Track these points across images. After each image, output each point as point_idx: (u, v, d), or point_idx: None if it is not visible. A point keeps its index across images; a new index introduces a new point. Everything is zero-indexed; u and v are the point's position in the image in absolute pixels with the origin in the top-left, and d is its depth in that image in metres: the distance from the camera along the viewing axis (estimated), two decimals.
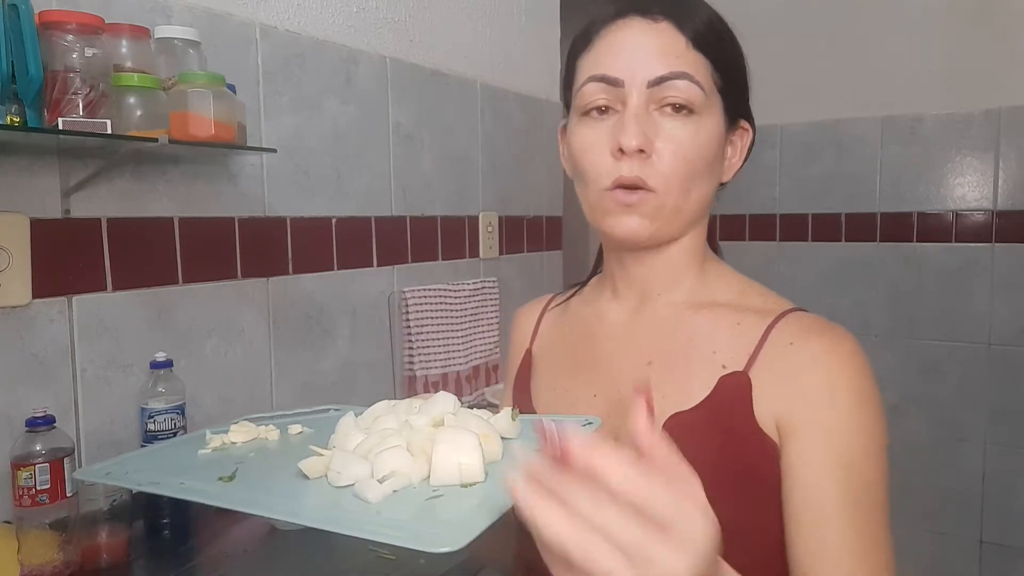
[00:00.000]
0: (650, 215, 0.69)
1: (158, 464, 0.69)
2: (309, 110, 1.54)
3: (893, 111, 2.60)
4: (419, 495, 0.55)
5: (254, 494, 0.58)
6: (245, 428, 0.74)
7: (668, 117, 0.68)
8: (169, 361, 1.19)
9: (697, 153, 0.69)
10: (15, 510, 0.98)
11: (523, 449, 0.59)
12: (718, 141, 0.71)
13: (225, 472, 0.62)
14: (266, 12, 1.45)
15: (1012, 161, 2.49)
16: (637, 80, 0.68)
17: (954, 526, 2.63)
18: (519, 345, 0.92)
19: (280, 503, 0.56)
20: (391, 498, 0.55)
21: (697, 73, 0.68)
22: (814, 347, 0.68)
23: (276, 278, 1.49)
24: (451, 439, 0.57)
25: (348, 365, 1.66)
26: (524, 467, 0.43)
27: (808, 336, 0.69)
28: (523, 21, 2.22)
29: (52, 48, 0.97)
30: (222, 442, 0.73)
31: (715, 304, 0.74)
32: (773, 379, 0.68)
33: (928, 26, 2.56)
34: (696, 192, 0.71)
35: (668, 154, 0.68)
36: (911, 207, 2.65)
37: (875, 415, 0.68)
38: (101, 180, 1.16)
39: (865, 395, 0.68)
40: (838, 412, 0.66)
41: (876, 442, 0.68)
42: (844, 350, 0.68)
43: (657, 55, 0.68)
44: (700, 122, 0.68)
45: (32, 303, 1.11)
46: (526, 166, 2.26)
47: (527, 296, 1.00)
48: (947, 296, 2.60)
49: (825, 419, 0.66)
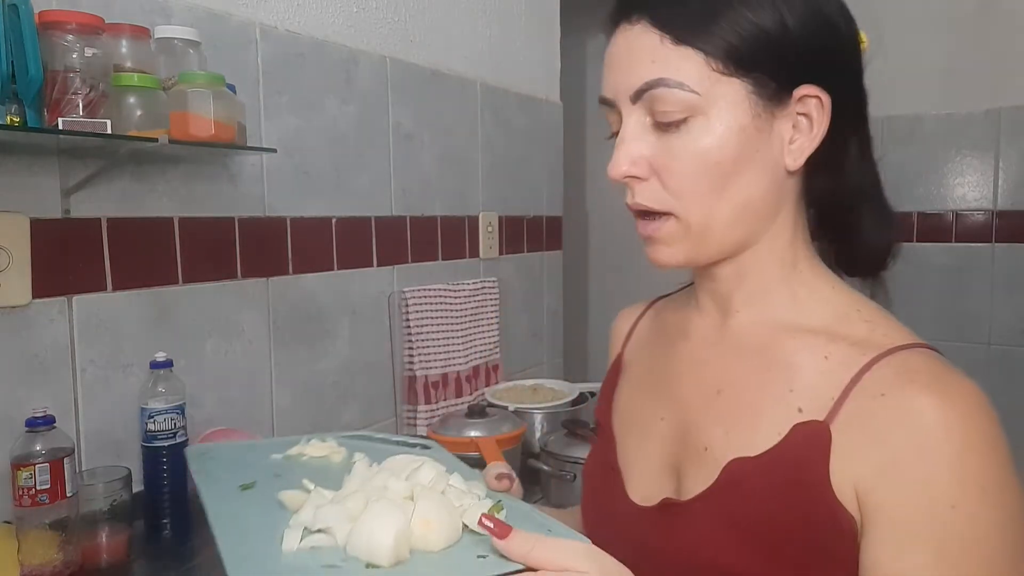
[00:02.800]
0: (674, 241, 0.61)
1: (234, 459, 0.74)
2: (309, 110, 1.54)
3: (893, 111, 2.61)
4: (327, 558, 0.53)
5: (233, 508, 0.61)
6: (320, 445, 0.76)
7: (664, 129, 0.59)
8: (169, 361, 1.19)
9: (705, 162, 0.58)
10: (15, 510, 0.98)
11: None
12: (738, 135, 0.58)
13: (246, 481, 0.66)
14: (266, 12, 1.45)
15: (1012, 161, 2.50)
16: (621, 98, 0.60)
17: None
18: (612, 351, 0.84)
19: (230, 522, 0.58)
20: (304, 553, 0.54)
21: (680, 72, 0.57)
22: (912, 402, 0.54)
23: (276, 278, 1.49)
24: (378, 512, 0.54)
25: (348, 365, 1.66)
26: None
27: (907, 386, 0.55)
28: (523, 21, 2.22)
29: (52, 48, 0.97)
30: (299, 452, 0.75)
31: (805, 329, 0.62)
32: (859, 437, 0.56)
33: (928, 26, 2.56)
34: (729, 198, 0.59)
35: (670, 173, 0.59)
36: (911, 207, 2.65)
37: (996, 507, 0.53)
38: (101, 180, 1.16)
39: (981, 477, 0.53)
40: (933, 496, 0.53)
41: (997, 547, 0.53)
42: (956, 411, 0.54)
43: (631, 64, 0.59)
44: (702, 125, 0.58)
45: (32, 303, 1.11)
46: (526, 166, 2.26)
47: (527, 296, 0.99)
48: (947, 296, 2.60)
49: (916, 503, 0.53)
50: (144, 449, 1.17)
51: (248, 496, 0.64)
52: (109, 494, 1.04)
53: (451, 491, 0.61)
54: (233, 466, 0.71)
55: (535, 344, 2.34)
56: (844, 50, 0.62)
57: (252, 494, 0.64)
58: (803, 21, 0.58)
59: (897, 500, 0.54)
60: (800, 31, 0.58)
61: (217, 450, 0.77)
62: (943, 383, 0.56)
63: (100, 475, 1.07)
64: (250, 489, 0.65)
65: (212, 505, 0.61)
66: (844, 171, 0.64)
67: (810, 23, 0.59)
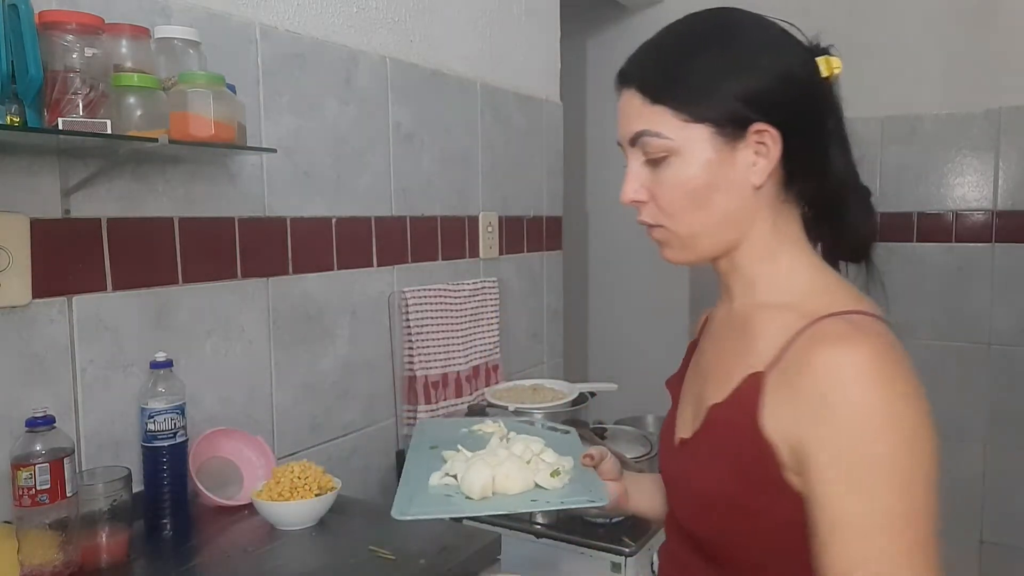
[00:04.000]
0: (671, 246, 0.80)
1: (438, 430, 1.14)
2: (309, 110, 1.54)
3: (893, 111, 2.61)
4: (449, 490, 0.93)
5: (419, 457, 1.02)
6: (492, 425, 1.11)
7: (652, 165, 0.77)
8: (169, 361, 1.19)
9: (683, 189, 0.76)
10: (15, 510, 0.98)
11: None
12: (707, 167, 0.75)
13: (435, 443, 1.05)
14: (266, 12, 1.45)
15: (1012, 161, 2.49)
16: (624, 142, 0.80)
17: (954, 526, 2.63)
18: (691, 338, 1.00)
19: (412, 464, 0.99)
20: (439, 486, 0.94)
21: (656, 124, 0.75)
22: (812, 357, 0.68)
23: (276, 278, 1.49)
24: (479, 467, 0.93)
25: (348, 365, 1.66)
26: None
27: (814, 345, 0.68)
28: (523, 21, 2.22)
29: (52, 48, 0.97)
30: (478, 428, 1.12)
31: (774, 305, 0.77)
32: (784, 387, 0.70)
33: (928, 26, 2.56)
34: (708, 215, 0.76)
35: (660, 197, 0.77)
36: (911, 207, 2.65)
37: (887, 436, 0.65)
38: (101, 180, 1.16)
39: (878, 410, 0.65)
40: (839, 431, 0.65)
41: (896, 468, 0.65)
42: (847, 361, 0.66)
43: (626, 119, 0.78)
44: (680, 161, 0.75)
45: (32, 303, 1.11)
46: (526, 166, 2.26)
47: (527, 296, 1.03)
48: (947, 296, 2.60)
49: (827, 441, 0.66)
50: (144, 449, 1.17)
51: (432, 452, 1.02)
52: (109, 494, 1.04)
53: (536, 460, 0.95)
54: (436, 433, 1.09)
55: (535, 344, 2.34)
56: (797, 87, 0.76)
57: (435, 451, 1.02)
58: (750, 77, 0.74)
59: (811, 440, 0.67)
60: (749, 84, 0.74)
61: (431, 424, 1.15)
62: (841, 338, 0.68)
63: (100, 475, 1.07)
64: (436, 448, 1.03)
65: (410, 455, 1.02)
66: (829, 173, 0.79)
67: (756, 77, 0.74)
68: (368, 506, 1.32)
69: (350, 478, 1.30)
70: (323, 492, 1.21)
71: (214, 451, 1.29)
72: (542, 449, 0.99)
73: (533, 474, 0.93)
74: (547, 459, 0.97)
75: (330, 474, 1.26)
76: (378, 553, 1.10)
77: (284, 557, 1.12)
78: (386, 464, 1.74)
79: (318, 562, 1.14)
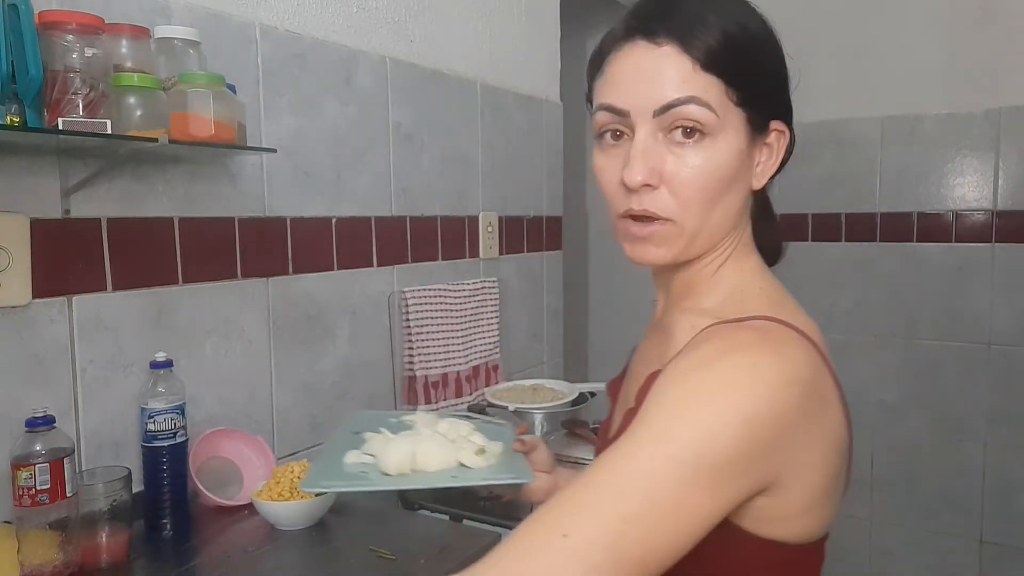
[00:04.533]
0: (667, 243, 0.70)
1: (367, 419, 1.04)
2: (309, 110, 1.54)
3: (893, 111, 2.61)
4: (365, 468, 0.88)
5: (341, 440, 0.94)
6: (423, 415, 1.05)
7: (678, 144, 0.67)
8: (169, 361, 1.19)
9: (712, 177, 0.67)
10: (15, 510, 0.98)
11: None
12: (738, 157, 0.68)
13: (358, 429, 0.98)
14: (266, 12, 1.45)
15: (1012, 161, 2.50)
16: (642, 110, 0.67)
17: (954, 526, 2.63)
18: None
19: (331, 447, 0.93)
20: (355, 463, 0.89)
21: (707, 95, 0.66)
22: (680, 357, 0.63)
23: (276, 278, 1.49)
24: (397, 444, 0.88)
25: (348, 365, 1.66)
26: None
27: (698, 343, 0.64)
28: (523, 21, 2.22)
29: (52, 48, 0.97)
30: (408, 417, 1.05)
31: (698, 309, 0.73)
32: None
33: (928, 26, 2.56)
34: (718, 213, 0.69)
35: (680, 184, 0.67)
36: (911, 207, 2.65)
37: (690, 424, 0.57)
38: (101, 180, 1.16)
39: (691, 397, 0.58)
40: (651, 400, 0.60)
41: (646, 450, 0.57)
42: (701, 353, 0.61)
43: (661, 82, 0.66)
44: (714, 145, 0.67)
45: (32, 303, 1.11)
46: (526, 166, 2.26)
47: (527, 296, 1.02)
48: (947, 296, 2.60)
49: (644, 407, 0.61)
50: (144, 449, 1.17)
51: (354, 436, 0.96)
52: (109, 494, 1.04)
53: (461, 440, 0.92)
54: (363, 421, 1.02)
55: (535, 344, 2.34)
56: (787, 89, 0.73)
57: (357, 435, 0.96)
58: (779, 65, 0.71)
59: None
60: (779, 73, 0.71)
61: (361, 414, 1.09)
62: (722, 338, 0.63)
63: (100, 475, 1.07)
64: (359, 433, 0.96)
65: (330, 439, 0.96)
66: (766, 186, 0.75)
67: (781, 67, 0.72)
68: (368, 506, 1.32)
69: None
70: (323, 492, 1.21)
71: (214, 451, 1.29)
72: (470, 431, 0.95)
73: (457, 453, 0.89)
74: (475, 440, 0.93)
75: None
76: (378, 553, 1.10)
77: (284, 557, 1.12)
78: None
79: (318, 562, 1.14)
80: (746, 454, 0.57)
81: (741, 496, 0.59)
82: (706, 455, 0.56)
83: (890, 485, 2.74)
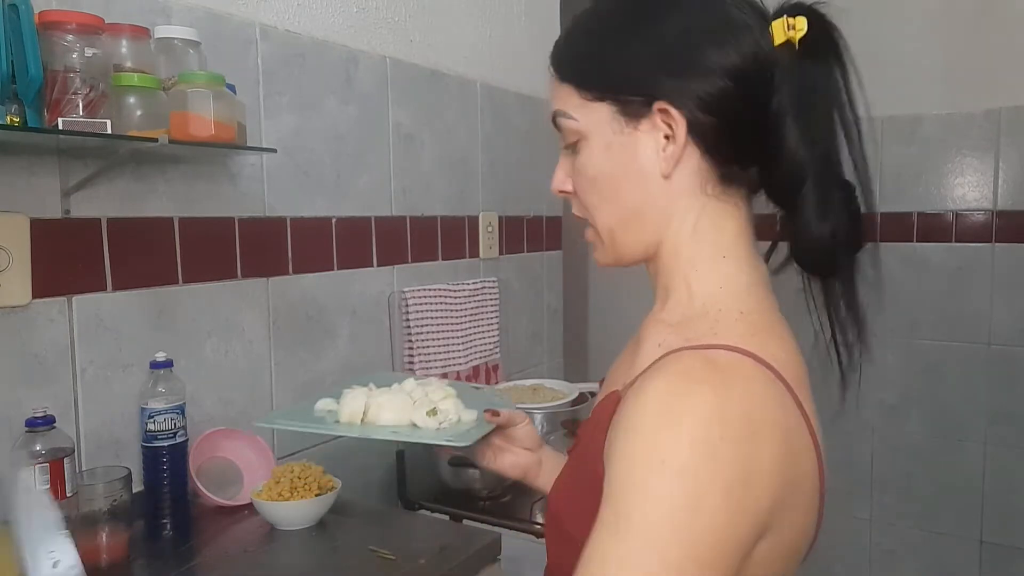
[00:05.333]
0: (599, 247, 0.72)
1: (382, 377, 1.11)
2: (309, 110, 1.54)
3: (893, 111, 2.60)
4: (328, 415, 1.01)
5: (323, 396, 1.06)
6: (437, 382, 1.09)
7: (572, 154, 0.71)
8: (169, 361, 1.19)
9: (589, 174, 0.69)
10: None
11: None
12: (608, 152, 0.67)
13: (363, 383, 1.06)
14: (266, 12, 1.45)
15: (1012, 161, 2.49)
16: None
17: (954, 526, 2.63)
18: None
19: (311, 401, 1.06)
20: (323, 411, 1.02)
21: (567, 104, 0.69)
22: (640, 386, 0.58)
23: (276, 278, 1.49)
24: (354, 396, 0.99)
25: (348, 365, 1.65)
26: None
27: (654, 374, 0.59)
28: (523, 21, 2.22)
29: (52, 48, 0.97)
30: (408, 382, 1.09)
31: (668, 322, 0.68)
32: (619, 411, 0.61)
33: (928, 26, 2.56)
34: (616, 206, 0.68)
35: (578, 190, 0.71)
36: (911, 207, 2.65)
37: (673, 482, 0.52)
38: (101, 180, 1.16)
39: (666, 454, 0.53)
40: (622, 467, 0.55)
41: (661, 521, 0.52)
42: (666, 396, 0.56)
43: (551, 102, 0.72)
44: (587, 146, 0.68)
45: (32, 303, 1.11)
46: (526, 166, 2.26)
47: (527, 296, 1.02)
48: (947, 296, 2.60)
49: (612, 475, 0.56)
50: (144, 449, 1.17)
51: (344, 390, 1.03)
52: (109, 494, 1.04)
53: (426, 401, 0.97)
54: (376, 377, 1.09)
55: (535, 344, 2.34)
56: (718, 59, 0.63)
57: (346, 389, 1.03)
58: (650, 44, 0.65)
59: (608, 471, 0.57)
60: (647, 53, 0.65)
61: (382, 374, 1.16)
62: (673, 374, 0.57)
63: (100, 475, 1.07)
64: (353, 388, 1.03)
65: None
66: (780, 158, 0.64)
67: (655, 45, 0.65)
68: (368, 506, 1.32)
69: (350, 478, 1.29)
70: (323, 492, 1.21)
71: (214, 451, 1.29)
72: (445, 396, 0.98)
73: (412, 412, 0.95)
74: (444, 406, 0.97)
75: (330, 474, 1.26)
76: (378, 553, 1.10)
77: (284, 557, 1.12)
78: (386, 464, 1.74)
79: (318, 562, 1.14)
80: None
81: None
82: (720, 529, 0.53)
83: (890, 485, 2.74)
